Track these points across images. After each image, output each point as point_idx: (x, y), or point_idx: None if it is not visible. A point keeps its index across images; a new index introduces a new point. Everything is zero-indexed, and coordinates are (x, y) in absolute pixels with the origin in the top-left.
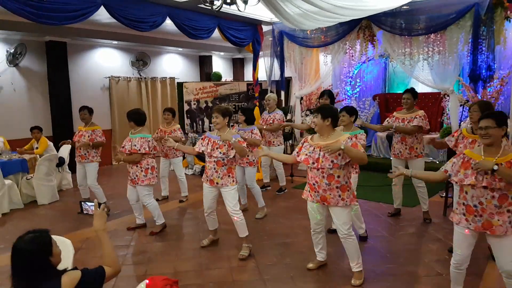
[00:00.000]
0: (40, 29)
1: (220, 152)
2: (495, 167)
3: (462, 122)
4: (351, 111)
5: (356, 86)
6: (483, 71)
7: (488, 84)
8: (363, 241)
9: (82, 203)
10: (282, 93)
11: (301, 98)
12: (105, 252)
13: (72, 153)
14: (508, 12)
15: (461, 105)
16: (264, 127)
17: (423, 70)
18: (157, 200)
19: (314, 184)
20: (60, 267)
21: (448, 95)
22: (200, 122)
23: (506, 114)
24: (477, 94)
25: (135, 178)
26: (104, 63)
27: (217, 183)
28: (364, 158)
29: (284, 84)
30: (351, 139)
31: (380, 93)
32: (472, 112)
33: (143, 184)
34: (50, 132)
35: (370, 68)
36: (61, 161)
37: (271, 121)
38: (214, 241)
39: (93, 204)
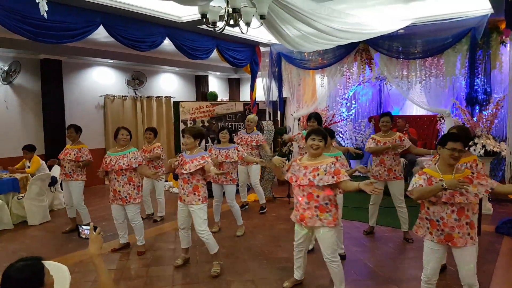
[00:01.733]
0: (35, 46)
1: (184, 169)
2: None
3: None
4: (331, 134)
5: (352, 108)
6: (480, 94)
7: (484, 108)
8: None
9: (79, 226)
10: (278, 113)
11: (299, 119)
12: (101, 280)
13: None
14: (504, 36)
15: None
16: (252, 153)
17: (421, 93)
18: (147, 218)
19: (296, 203)
20: None
21: (443, 118)
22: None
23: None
24: (473, 118)
25: (126, 197)
26: (99, 81)
27: (184, 200)
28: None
29: (282, 104)
30: (335, 164)
31: (375, 114)
32: None
33: (136, 202)
34: (43, 150)
35: (365, 90)
36: (53, 181)
37: (253, 143)
38: (187, 260)
39: (88, 227)
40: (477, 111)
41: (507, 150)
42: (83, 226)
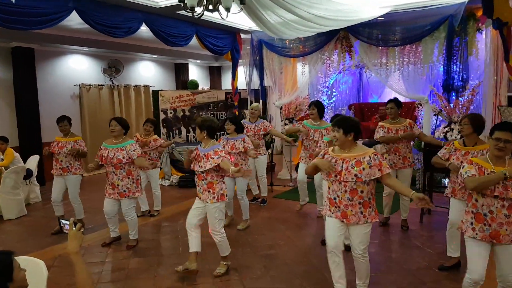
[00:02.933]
0: (6, 34)
1: (199, 166)
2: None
3: (436, 131)
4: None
5: (332, 96)
6: (457, 81)
7: (461, 94)
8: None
9: (61, 220)
10: (260, 102)
11: (281, 108)
12: (78, 278)
13: (40, 165)
14: (480, 24)
15: (434, 115)
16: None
17: (399, 80)
18: (143, 215)
19: (335, 199)
20: None
21: (421, 105)
22: (177, 131)
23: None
24: (450, 104)
25: (125, 191)
26: (74, 70)
27: (200, 198)
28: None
29: (264, 93)
30: (377, 155)
31: (355, 102)
32: (463, 125)
33: (134, 197)
34: (17, 142)
35: (345, 78)
36: (28, 173)
37: (261, 131)
38: (195, 272)
39: (68, 222)
40: (453, 97)
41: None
42: (64, 221)
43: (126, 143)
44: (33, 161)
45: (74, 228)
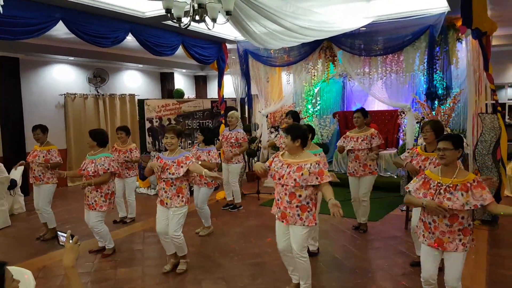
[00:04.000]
0: None
1: (169, 173)
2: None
3: (419, 138)
4: (312, 131)
5: (317, 104)
6: (438, 89)
7: (442, 102)
8: (314, 256)
9: (58, 232)
10: (247, 110)
11: (267, 116)
12: None
13: (25, 175)
14: (460, 33)
15: (417, 122)
16: (232, 151)
17: (382, 89)
18: (121, 222)
19: (278, 200)
20: None
21: (404, 113)
22: (163, 140)
23: (463, 138)
24: (432, 112)
25: (93, 203)
26: (59, 79)
27: (166, 204)
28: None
29: (251, 101)
30: (319, 163)
31: (339, 110)
32: (426, 132)
33: (101, 210)
34: (1, 152)
35: (329, 86)
36: (12, 184)
37: (232, 140)
38: (176, 265)
39: (65, 235)
40: (435, 105)
41: (465, 142)
42: (61, 233)
43: (98, 156)
44: (17, 172)
45: (71, 241)
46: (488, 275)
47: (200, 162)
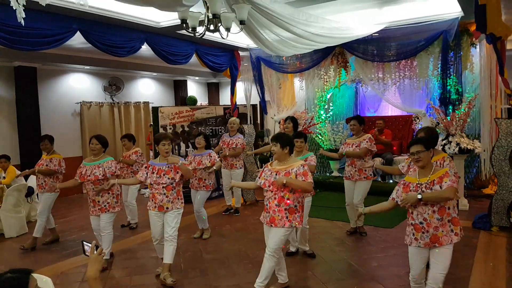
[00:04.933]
0: (9, 53)
1: (168, 178)
2: (419, 196)
3: None
4: (305, 137)
5: (330, 110)
6: (452, 94)
7: (457, 107)
8: (311, 258)
9: (84, 242)
10: (259, 116)
11: (279, 122)
12: None
13: None
14: (474, 38)
15: None
16: (227, 152)
17: (396, 94)
18: (128, 226)
19: (267, 205)
20: None
21: (418, 118)
22: (176, 147)
23: (434, 137)
24: (446, 117)
25: (105, 206)
26: (75, 88)
27: (167, 208)
28: (307, 189)
29: (266, 107)
30: (304, 166)
31: (352, 116)
32: None
33: (114, 211)
34: (18, 160)
35: (341, 92)
36: (30, 191)
37: (233, 145)
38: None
39: (90, 245)
40: (450, 110)
41: (481, 147)
42: (86, 243)
43: (104, 160)
44: (34, 179)
45: (95, 252)
46: (507, 283)
47: (215, 167)
